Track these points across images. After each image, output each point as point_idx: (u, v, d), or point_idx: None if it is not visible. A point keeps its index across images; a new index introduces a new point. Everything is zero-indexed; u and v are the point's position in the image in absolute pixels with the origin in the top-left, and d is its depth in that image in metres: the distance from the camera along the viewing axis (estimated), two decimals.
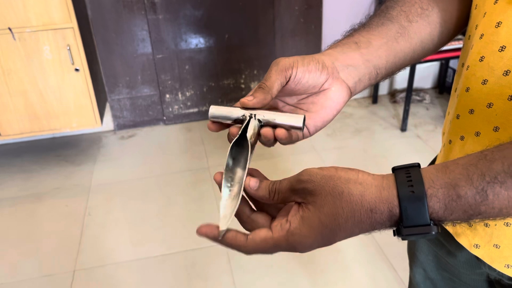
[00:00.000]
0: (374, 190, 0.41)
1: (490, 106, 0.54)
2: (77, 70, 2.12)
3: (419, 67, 2.77)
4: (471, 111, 0.57)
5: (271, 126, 0.51)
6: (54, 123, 2.24)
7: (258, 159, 2.39)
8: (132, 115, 2.71)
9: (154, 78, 2.62)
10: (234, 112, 0.52)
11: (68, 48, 2.06)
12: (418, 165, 0.43)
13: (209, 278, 1.71)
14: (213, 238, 0.46)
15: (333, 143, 2.49)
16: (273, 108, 0.56)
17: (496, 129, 0.54)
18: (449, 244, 0.71)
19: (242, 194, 0.47)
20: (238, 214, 0.48)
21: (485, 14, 0.56)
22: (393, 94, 2.95)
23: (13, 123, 2.20)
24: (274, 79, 0.51)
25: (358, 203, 0.41)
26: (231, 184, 0.49)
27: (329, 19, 2.67)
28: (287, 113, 0.51)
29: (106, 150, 2.55)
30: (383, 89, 2.96)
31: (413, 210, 0.40)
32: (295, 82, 0.53)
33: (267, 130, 0.50)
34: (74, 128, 2.29)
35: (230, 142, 0.50)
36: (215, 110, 0.53)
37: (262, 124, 0.51)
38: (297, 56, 0.53)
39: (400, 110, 2.77)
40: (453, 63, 2.86)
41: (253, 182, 0.47)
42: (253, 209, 0.49)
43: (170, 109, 2.74)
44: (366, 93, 2.94)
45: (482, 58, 0.55)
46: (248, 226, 0.49)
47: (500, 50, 0.53)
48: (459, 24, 0.66)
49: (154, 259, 1.81)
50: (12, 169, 2.41)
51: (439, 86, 2.98)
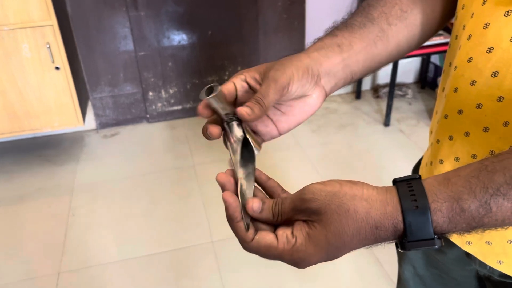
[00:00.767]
0: (379, 206, 0.41)
1: (479, 107, 0.55)
2: (57, 68, 2.08)
3: (401, 62, 2.80)
4: (460, 112, 0.58)
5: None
6: (34, 123, 2.19)
7: None
8: (114, 114, 2.67)
9: (137, 75, 2.59)
10: (224, 110, 0.52)
11: (48, 46, 2.01)
12: (419, 177, 0.42)
13: (196, 277, 1.70)
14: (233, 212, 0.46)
15: (317, 139, 2.50)
16: None
17: (485, 129, 0.55)
18: None
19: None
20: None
21: (473, 14, 0.56)
22: (376, 90, 2.98)
23: None
24: (272, 98, 0.51)
25: (364, 220, 0.41)
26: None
27: (312, 15, 2.67)
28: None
29: (88, 150, 2.52)
30: (366, 84, 2.98)
31: (417, 225, 0.40)
32: (287, 96, 0.53)
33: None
34: (56, 127, 2.25)
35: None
36: (214, 100, 0.51)
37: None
38: (292, 66, 0.53)
39: (383, 105, 2.80)
40: (434, 59, 2.89)
41: (256, 205, 0.46)
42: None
43: (153, 107, 2.71)
44: (349, 88, 2.96)
45: (470, 59, 0.55)
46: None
47: (488, 52, 0.53)
48: (439, 24, 0.67)
49: (141, 259, 1.79)
50: None
51: (421, 81, 3.02)
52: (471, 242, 0.63)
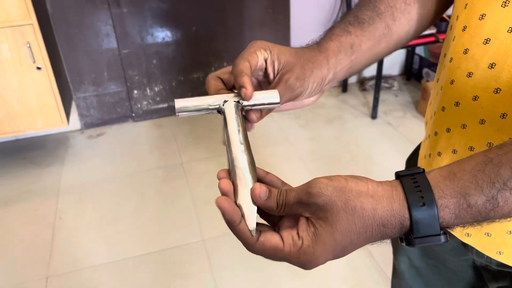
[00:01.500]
0: (386, 203, 0.40)
1: (475, 99, 0.54)
2: (39, 68, 2.03)
3: None
4: (457, 104, 0.57)
5: (250, 105, 0.51)
6: (17, 125, 2.14)
7: None
8: (99, 113, 2.63)
9: (121, 74, 2.55)
10: (205, 100, 0.50)
11: (28, 45, 1.97)
12: (423, 170, 0.41)
13: (188, 277, 1.68)
14: (233, 221, 0.44)
15: (306, 134, 2.50)
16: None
17: (482, 121, 0.54)
18: None
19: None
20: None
21: (466, 5, 0.55)
22: (362, 82, 2.98)
23: None
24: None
25: (370, 218, 0.40)
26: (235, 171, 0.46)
27: (296, 9, 2.65)
28: (259, 91, 0.51)
29: (74, 150, 2.47)
30: (352, 78, 2.98)
31: (424, 222, 0.39)
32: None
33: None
34: (39, 129, 2.20)
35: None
36: (184, 103, 0.50)
37: (242, 105, 0.50)
38: (311, 77, 0.54)
39: (369, 98, 2.80)
40: (419, 50, 2.91)
41: (263, 192, 0.44)
42: None
43: (139, 105, 2.68)
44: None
45: (466, 50, 0.55)
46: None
47: (484, 43, 0.52)
48: (434, 17, 0.67)
49: (131, 260, 1.76)
50: None
51: (406, 72, 3.03)
52: (470, 234, 0.62)
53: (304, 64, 0.54)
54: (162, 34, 2.52)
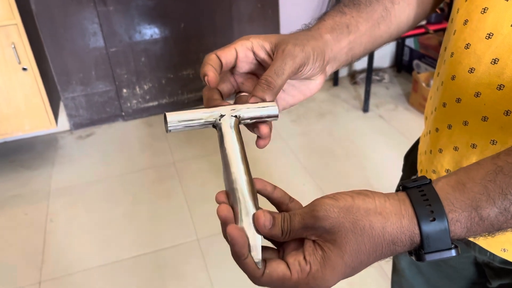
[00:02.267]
0: (395, 220, 0.38)
1: (478, 95, 0.53)
2: (24, 69, 1.99)
3: None
4: (458, 100, 0.56)
5: (248, 119, 0.48)
6: (4, 127, 2.10)
7: None
8: (88, 113, 2.59)
9: (109, 72, 2.51)
10: (199, 115, 0.46)
11: (13, 46, 1.92)
12: (430, 181, 0.39)
13: (184, 277, 1.67)
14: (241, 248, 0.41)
15: (298, 129, 2.48)
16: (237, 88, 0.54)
17: (484, 119, 0.53)
18: None
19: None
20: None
21: None
22: (353, 76, 2.97)
23: None
24: (286, 77, 0.48)
25: (380, 237, 0.38)
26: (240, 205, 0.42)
27: (285, 3, 2.63)
28: (257, 103, 0.48)
29: (63, 152, 2.43)
30: (343, 71, 2.97)
31: (434, 237, 0.37)
32: (297, 76, 0.51)
33: (264, 127, 0.49)
34: (27, 130, 2.16)
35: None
36: (175, 117, 0.45)
37: (239, 119, 0.47)
38: (310, 45, 0.50)
39: (361, 91, 2.79)
40: (409, 42, 2.90)
41: (268, 221, 0.41)
42: None
43: (128, 104, 2.64)
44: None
45: (467, 45, 0.53)
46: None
47: (487, 38, 0.51)
48: (435, 3, 0.65)
49: (125, 262, 1.74)
50: None
51: (397, 64, 3.03)
52: None
53: (298, 36, 0.51)
54: (150, 31, 2.48)
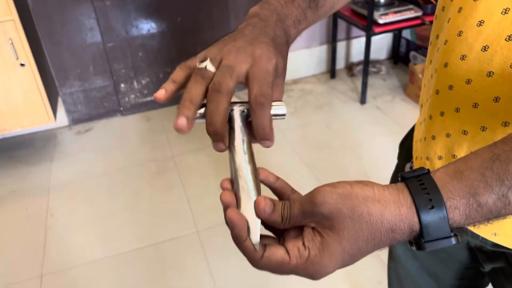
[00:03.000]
0: (393, 208, 0.39)
1: (469, 82, 0.54)
2: (22, 65, 2.00)
3: (374, 39, 2.80)
4: (450, 87, 0.57)
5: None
6: (2, 123, 2.11)
7: None
8: (87, 108, 2.60)
9: (107, 68, 2.51)
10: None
11: (10, 42, 1.93)
12: (428, 171, 0.40)
13: (184, 269, 1.69)
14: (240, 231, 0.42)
15: (296, 121, 2.49)
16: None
17: (475, 105, 0.54)
18: None
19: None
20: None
21: None
22: (350, 68, 2.98)
23: None
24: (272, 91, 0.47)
25: (378, 223, 0.39)
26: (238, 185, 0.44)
27: None
28: None
29: (62, 147, 2.44)
30: (340, 63, 2.98)
31: (434, 225, 0.38)
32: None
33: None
34: (26, 126, 2.16)
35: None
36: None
37: (248, 114, 0.48)
38: (278, 49, 0.49)
39: (358, 83, 2.80)
40: (405, 33, 2.91)
41: (268, 206, 0.42)
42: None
43: (127, 99, 2.65)
44: (324, 68, 2.95)
45: (460, 32, 0.54)
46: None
47: (478, 25, 0.52)
48: None
49: (126, 255, 1.76)
50: None
51: (394, 56, 3.03)
52: None
53: (282, 51, 0.50)
54: (147, 26, 2.48)
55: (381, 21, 2.40)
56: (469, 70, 0.53)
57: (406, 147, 0.79)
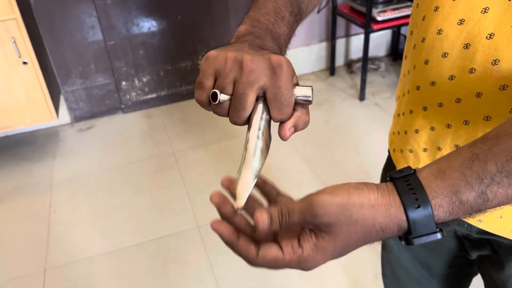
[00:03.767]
0: (384, 210, 0.42)
1: (452, 78, 0.56)
2: (25, 63, 2.03)
3: (373, 36, 2.82)
4: (433, 83, 0.59)
5: None
6: (5, 121, 2.14)
7: (223, 140, 2.39)
8: (88, 106, 2.63)
9: (108, 66, 2.54)
10: None
11: (13, 40, 1.95)
12: (414, 171, 0.43)
13: (185, 263, 1.71)
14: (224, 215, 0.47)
15: None
16: None
17: (458, 100, 0.56)
18: None
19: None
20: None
21: None
22: (349, 65, 3.00)
23: None
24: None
25: (370, 226, 0.42)
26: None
27: None
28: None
29: (65, 144, 2.47)
30: (340, 60, 3.00)
31: (420, 222, 0.41)
32: None
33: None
34: (28, 124, 2.19)
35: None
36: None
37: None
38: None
39: (357, 80, 2.82)
40: (404, 30, 2.92)
41: (265, 220, 0.44)
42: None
43: (128, 96, 2.68)
44: (323, 66, 2.97)
45: (440, 31, 0.56)
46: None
47: (459, 24, 0.53)
48: None
49: (127, 250, 1.79)
50: None
51: (393, 53, 3.05)
52: None
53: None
54: (148, 24, 2.51)
55: (379, 18, 2.42)
56: (451, 67, 0.55)
57: None
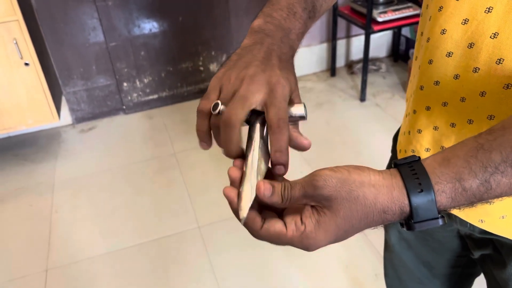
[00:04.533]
0: (386, 191, 0.42)
1: (457, 77, 0.56)
2: (27, 64, 2.03)
3: (373, 37, 2.82)
4: (437, 83, 0.59)
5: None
6: (7, 122, 2.14)
7: None
8: (90, 107, 2.63)
9: (110, 67, 2.55)
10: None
11: (15, 42, 1.96)
12: (419, 158, 0.43)
13: (186, 263, 1.72)
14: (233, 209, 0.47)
15: None
16: None
17: (462, 99, 0.57)
18: None
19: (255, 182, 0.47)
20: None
21: None
22: (350, 66, 3.00)
23: None
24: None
25: (372, 205, 0.42)
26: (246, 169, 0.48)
27: None
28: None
29: (66, 145, 2.48)
30: (340, 61, 3.00)
31: (423, 207, 0.41)
32: None
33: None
34: (30, 125, 2.20)
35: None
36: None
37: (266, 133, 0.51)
38: (287, 67, 0.52)
39: (358, 80, 2.82)
40: (405, 31, 2.93)
41: (267, 190, 0.45)
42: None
43: (129, 97, 2.68)
44: (324, 66, 2.98)
45: (444, 31, 0.56)
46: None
47: (463, 23, 0.54)
48: None
49: (128, 250, 1.79)
50: None
51: (393, 54, 3.06)
52: None
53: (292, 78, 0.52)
54: (149, 26, 2.51)
55: (380, 19, 2.42)
56: (456, 66, 0.56)
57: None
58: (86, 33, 2.42)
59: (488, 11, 0.51)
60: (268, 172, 0.49)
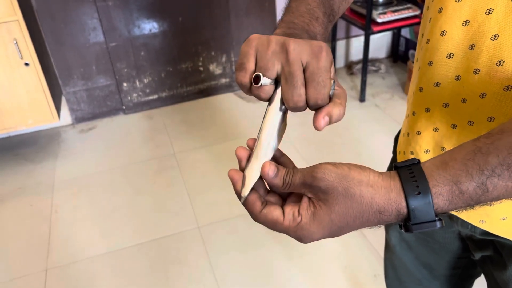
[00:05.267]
0: (383, 192, 0.42)
1: (458, 78, 0.56)
2: (27, 64, 2.03)
3: (373, 38, 2.83)
4: (437, 84, 0.59)
5: None
6: (7, 122, 2.14)
7: (224, 141, 2.39)
8: (90, 107, 2.63)
9: (110, 67, 2.55)
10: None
11: (15, 42, 1.96)
12: (418, 161, 0.44)
13: (185, 263, 1.72)
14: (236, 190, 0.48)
15: (297, 120, 2.52)
16: None
17: (463, 101, 0.57)
18: None
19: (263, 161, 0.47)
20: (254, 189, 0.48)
21: None
22: (349, 67, 3.01)
23: None
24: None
25: (368, 205, 0.42)
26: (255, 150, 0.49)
27: None
28: None
29: (66, 145, 2.48)
30: (340, 62, 3.01)
31: (420, 209, 0.41)
32: None
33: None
34: (30, 125, 2.20)
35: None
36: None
37: None
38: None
39: (357, 81, 2.83)
40: (404, 32, 2.93)
41: (272, 171, 0.46)
42: (267, 188, 0.50)
43: (129, 97, 2.68)
44: None
45: (444, 32, 0.57)
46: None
47: (464, 25, 0.54)
48: None
49: (128, 250, 1.79)
50: None
51: (393, 55, 3.06)
52: None
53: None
54: (149, 26, 2.52)
55: (379, 20, 2.43)
56: (457, 67, 0.56)
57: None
58: (86, 33, 2.42)
59: (488, 13, 0.51)
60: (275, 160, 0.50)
